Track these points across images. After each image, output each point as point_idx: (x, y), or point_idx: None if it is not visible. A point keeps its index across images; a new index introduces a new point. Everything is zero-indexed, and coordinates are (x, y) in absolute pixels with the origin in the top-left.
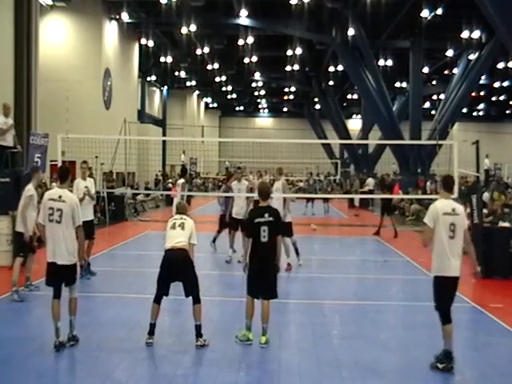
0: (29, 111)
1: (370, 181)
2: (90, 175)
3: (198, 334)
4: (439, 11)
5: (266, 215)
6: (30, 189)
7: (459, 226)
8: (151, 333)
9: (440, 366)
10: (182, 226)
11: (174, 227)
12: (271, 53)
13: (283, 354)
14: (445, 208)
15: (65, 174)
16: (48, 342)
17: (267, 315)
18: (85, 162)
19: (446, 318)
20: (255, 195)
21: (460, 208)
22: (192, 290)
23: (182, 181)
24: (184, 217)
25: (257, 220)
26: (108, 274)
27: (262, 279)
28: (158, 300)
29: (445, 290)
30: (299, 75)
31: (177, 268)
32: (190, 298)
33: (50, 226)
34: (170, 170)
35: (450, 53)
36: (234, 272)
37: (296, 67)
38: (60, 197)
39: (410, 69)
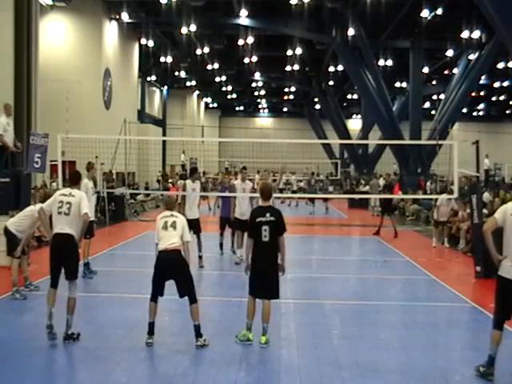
0: (29, 111)
1: (381, 181)
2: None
3: (198, 334)
4: (439, 11)
5: (268, 215)
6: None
7: None
8: (151, 332)
9: (481, 369)
10: (173, 225)
11: (165, 227)
12: (271, 53)
13: (283, 354)
14: None
15: (76, 178)
16: (47, 342)
17: (268, 315)
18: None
19: (494, 322)
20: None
21: None
22: (186, 289)
23: (189, 180)
24: (174, 213)
25: (258, 219)
26: (108, 274)
27: (263, 279)
28: (154, 298)
29: (500, 290)
30: (299, 75)
31: (170, 268)
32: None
33: (57, 217)
34: (170, 169)
35: (450, 53)
36: (235, 272)
37: (296, 67)
38: (70, 193)
39: (410, 69)
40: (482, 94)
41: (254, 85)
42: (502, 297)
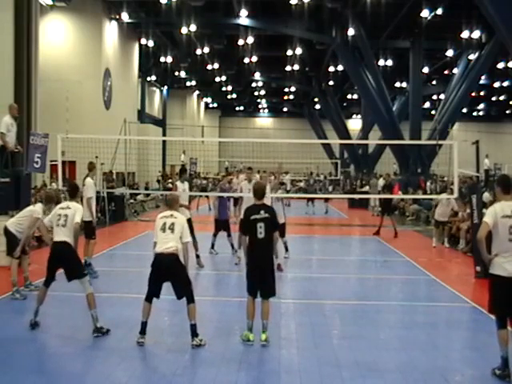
0: (29, 111)
1: (381, 181)
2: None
3: (194, 334)
4: (439, 11)
5: (262, 212)
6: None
7: None
8: (142, 332)
9: (497, 372)
10: (171, 228)
11: (163, 229)
12: (271, 53)
13: (283, 354)
14: (504, 210)
15: (75, 191)
16: (48, 341)
17: (267, 312)
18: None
19: (498, 323)
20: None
21: None
22: (183, 290)
23: (178, 181)
24: (174, 214)
25: (253, 217)
26: (108, 274)
27: (261, 276)
28: (149, 299)
29: (498, 290)
30: (299, 75)
31: (166, 271)
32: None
33: (56, 229)
34: (170, 169)
35: (450, 53)
36: (235, 272)
37: (296, 67)
38: (67, 206)
39: (410, 69)
40: (482, 94)
41: (254, 85)
42: (499, 295)
